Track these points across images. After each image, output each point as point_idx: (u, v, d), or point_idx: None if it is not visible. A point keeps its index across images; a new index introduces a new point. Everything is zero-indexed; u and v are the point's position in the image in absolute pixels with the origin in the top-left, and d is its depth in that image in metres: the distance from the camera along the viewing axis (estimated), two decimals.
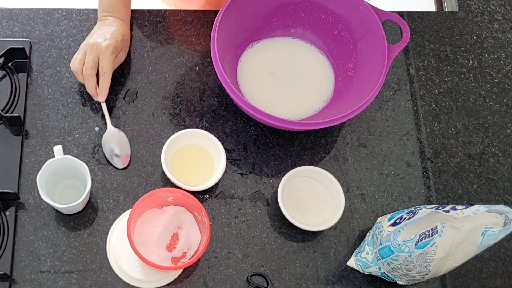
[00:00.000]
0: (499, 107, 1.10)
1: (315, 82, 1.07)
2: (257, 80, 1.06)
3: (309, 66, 1.08)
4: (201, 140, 0.98)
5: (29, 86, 1.02)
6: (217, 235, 0.96)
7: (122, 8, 1.02)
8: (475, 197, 1.03)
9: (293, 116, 1.03)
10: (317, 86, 1.07)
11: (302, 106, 1.05)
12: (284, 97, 1.05)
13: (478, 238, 0.79)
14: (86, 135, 1.00)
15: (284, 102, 1.04)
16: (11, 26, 1.06)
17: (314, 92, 1.06)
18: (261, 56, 1.08)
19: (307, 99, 1.05)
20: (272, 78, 1.06)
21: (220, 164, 0.96)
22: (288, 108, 1.04)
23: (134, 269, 0.91)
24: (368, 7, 0.98)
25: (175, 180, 0.93)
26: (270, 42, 1.09)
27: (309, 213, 0.97)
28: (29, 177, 0.96)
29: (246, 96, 1.05)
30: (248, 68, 1.06)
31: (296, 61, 1.08)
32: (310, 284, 0.95)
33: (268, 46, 1.09)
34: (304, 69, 1.07)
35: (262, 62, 1.07)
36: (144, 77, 1.05)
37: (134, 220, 0.89)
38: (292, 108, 1.04)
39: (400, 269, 0.87)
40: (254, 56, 1.08)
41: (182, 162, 0.97)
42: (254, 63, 1.07)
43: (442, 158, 1.05)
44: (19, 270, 0.91)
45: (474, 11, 1.18)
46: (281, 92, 1.05)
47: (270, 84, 1.06)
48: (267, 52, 1.08)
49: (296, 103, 1.05)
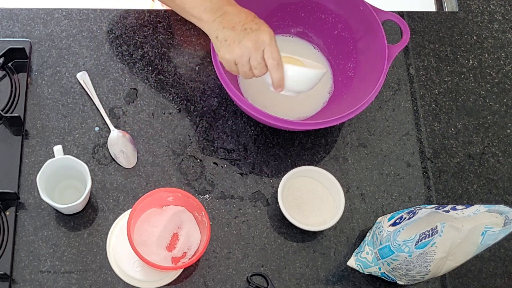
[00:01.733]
0: (499, 107, 1.10)
1: None
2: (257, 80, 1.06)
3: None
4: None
5: (29, 86, 1.02)
6: (217, 235, 0.96)
7: None
8: (475, 197, 1.03)
9: (293, 116, 1.03)
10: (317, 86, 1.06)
11: (302, 106, 1.05)
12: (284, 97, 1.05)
13: (478, 238, 0.79)
14: (86, 135, 1.00)
15: (284, 102, 1.04)
16: (11, 26, 1.06)
17: (314, 92, 1.06)
18: None
19: (307, 99, 1.05)
20: None
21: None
22: (288, 108, 1.04)
23: (134, 269, 0.91)
24: (368, 7, 0.98)
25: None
26: None
27: (309, 213, 0.97)
28: (29, 177, 0.96)
29: (246, 96, 1.04)
30: None
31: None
32: (310, 284, 0.95)
33: None
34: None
35: None
36: (144, 77, 1.05)
37: (134, 220, 0.89)
38: (292, 108, 1.04)
39: (400, 269, 0.87)
40: None
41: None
42: None
43: (442, 158, 1.05)
44: (19, 270, 0.91)
45: (474, 11, 1.18)
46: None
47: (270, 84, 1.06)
48: None
49: (296, 103, 1.05)
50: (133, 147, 0.99)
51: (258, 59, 0.85)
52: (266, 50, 0.85)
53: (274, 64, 0.86)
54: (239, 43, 0.84)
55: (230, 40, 0.85)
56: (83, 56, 1.05)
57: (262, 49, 0.85)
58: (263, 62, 0.86)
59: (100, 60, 1.05)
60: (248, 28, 0.85)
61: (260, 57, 0.85)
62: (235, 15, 0.87)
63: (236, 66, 0.87)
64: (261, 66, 0.86)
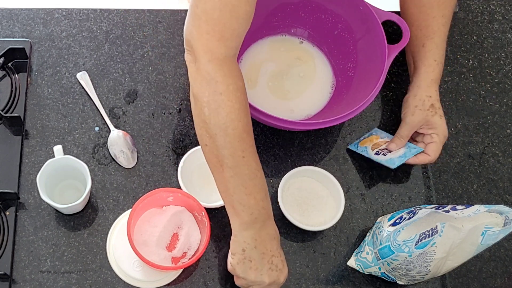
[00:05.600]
0: (499, 107, 1.10)
1: (315, 82, 1.07)
2: (257, 80, 1.06)
3: (309, 66, 1.08)
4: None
5: (29, 86, 1.02)
6: (217, 235, 0.96)
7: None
8: (475, 197, 1.03)
9: (293, 116, 1.03)
10: (317, 86, 1.07)
11: (302, 106, 1.05)
12: (284, 97, 1.05)
13: (478, 238, 0.79)
14: (86, 135, 1.00)
15: (284, 102, 1.04)
16: (11, 26, 1.06)
17: (314, 92, 1.06)
18: (261, 56, 1.08)
19: (307, 99, 1.05)
20: (273, 78, 1.06)
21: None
22: (288, 108, 1.04)
23: (134, 269, 0.91)
24: (368, 7, 0.98)
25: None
26: (270, 42, 1.09)
27: (309, 213, 0.97)
28: (29, 177, 0.96)
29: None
30: (248, 69, 1.06)
31: (296, 61, 1.08)
32: (310, 284, 0.95)
33: (268, 46, 1.09)
34: (304, 69, 1.07)
35: (262, 62, 1.07)
36: (144, 77, 1.05)
37: (134, 220, 0.89)
38: (292, 108, 1.04)
39: (400, 269, 0.87)
40: (254, 56, 1.08)
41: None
42: (254, 63, 1.07)
43: (442, 158, 1.05)
44: (19, 270, 0.91)
45: (474, 11, 1.18)
46: (281, 92, 1.05)
47: (270, 84, 1.06)
48: (267, 52, 1.08)
49: (296, 103, 1.05)
50: (133, 147, 0.99)
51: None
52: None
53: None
54: (259, 273, 0.83)
55: (253, 265, 0.83)
56: (83, 56, 1.05)
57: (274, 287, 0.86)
58: None
59: (100, 60, 1.05)
60: (274, 265, 0.84)
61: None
62: (268, 237, 0.84)
63: (239, 280, 0.87)
64: None
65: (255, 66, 1.07)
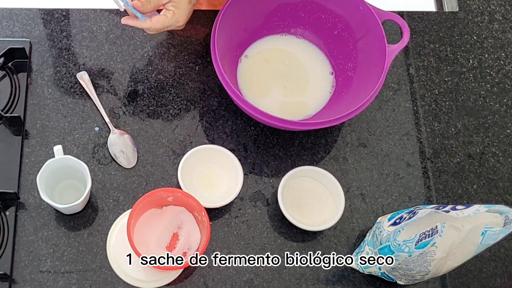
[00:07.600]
0: (499, 107, 1.10)
1: (315, 82, 1.07)
2: (257, 80, 1.06)
3: (309, 66, 1.08)
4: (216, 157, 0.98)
5: (29, 86, 1.02)
6: (217, 235, 0.96)
7: None
8: (475, 197, 1.03)
9: (293, 116, 1.03)
10: (317, 86, 1.07)
11: (302, 106, 1.05)
12: (284, 97, 1.05)
13: (478, 238, 0.79)
14: (86, 135, 1.00)
15: (284, 102, 1.05)
16: (11, 26, 1.06)
17: (314, 92, 1.06)
18: (261, 56, 1.08)
19: (307, 99, 1.05)
20: (272, 78, 1.06)
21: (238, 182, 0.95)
22: (288, 108, 1.04)
23: (134, 269, 0.91)
24: (368, 7, 0.98)
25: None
26: (270, 42, 1.09)
27: (309, 213, 0.97)
28: (29, 177, 0.96)
29: (246, 96, 1.05)
30: (248, 68, 1.06)
31: (296, 61, 1.08)
32: (310, 284, 0.95)
33: (268, 46, 1.09)
34: (304, 69, 1.08)
35: (262, 62, 1.07)
36: (144, 77, 1.05)
37: (134, 220, 0.89)
38: (292, 108, 1.04)
39: (400, 269, 0.87)
40: (254, 56, 1.08)
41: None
42: (254, 63, 1.07)
43: (442, 158, 1.05)
44: (19, 270, 0.91)
45: (474, 11, 1.18)
46: (281, 92, 1.05)
47: (270, 84, 1.06)
48: (267, 52, 1.08)
49: (296, 103, 1.05)
50: (133, 147, 0.99)
51: None
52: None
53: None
54: None
55: None
56: (83, 56, 1.05)
57: None
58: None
59: (100, 60, 1.05)
60: None
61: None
62: None
63: None
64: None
65: (255, 66, 1.07)
